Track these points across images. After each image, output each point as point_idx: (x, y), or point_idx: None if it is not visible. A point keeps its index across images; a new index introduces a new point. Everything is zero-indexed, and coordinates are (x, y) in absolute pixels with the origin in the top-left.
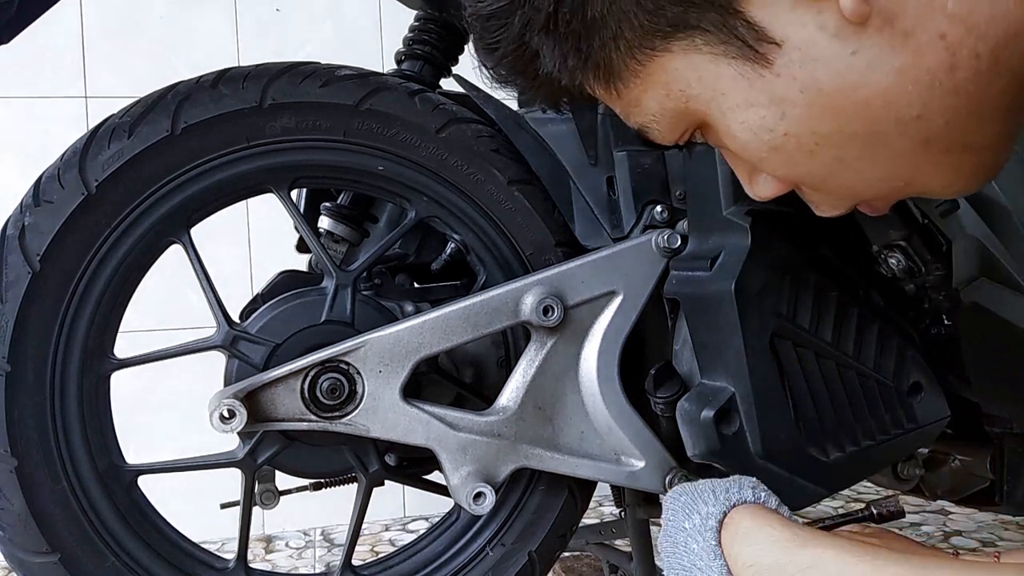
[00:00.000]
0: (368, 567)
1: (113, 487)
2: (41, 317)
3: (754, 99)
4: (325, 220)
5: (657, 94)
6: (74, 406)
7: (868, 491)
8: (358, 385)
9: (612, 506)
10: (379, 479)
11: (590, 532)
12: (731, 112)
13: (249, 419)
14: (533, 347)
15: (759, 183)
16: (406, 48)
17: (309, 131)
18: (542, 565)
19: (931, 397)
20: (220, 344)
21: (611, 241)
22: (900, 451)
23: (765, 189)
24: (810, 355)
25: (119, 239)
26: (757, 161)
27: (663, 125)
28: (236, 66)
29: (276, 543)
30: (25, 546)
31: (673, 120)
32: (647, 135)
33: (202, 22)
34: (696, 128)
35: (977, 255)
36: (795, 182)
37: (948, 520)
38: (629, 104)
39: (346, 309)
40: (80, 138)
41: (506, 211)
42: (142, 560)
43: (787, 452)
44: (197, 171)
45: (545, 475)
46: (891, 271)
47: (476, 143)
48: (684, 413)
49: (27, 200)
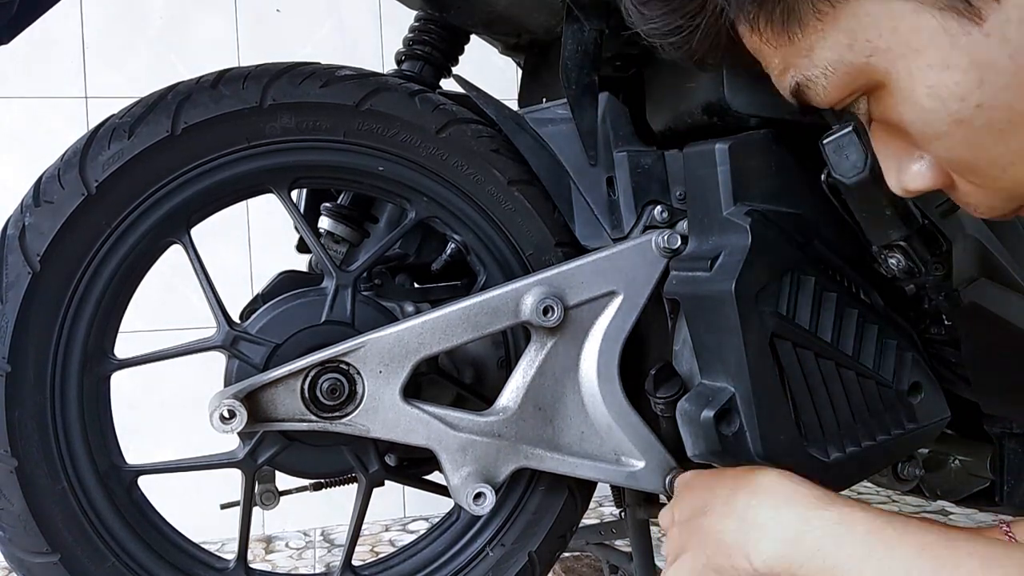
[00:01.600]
0: (368, 567)
1: (113, 487)
2: (41, 317)
3: (953, 60)
4: (325, 220)
5: (837, 43)
6: (74, 406)
7: (868, 491)
8: (358, 385)
9: (612, 506)
10: (379, 479)
11: (590, 532)
12: (920, 73)
13: (249, 419)
14: (533, 347)
15: (911, 172)
16: (406, 48)
17: (309, 131)
18: (542, 565)
19: (931, 397)
20: (220, 344)
21: (611, 241)
22: (900, 451)
23: (917, 180)
24: (810, 355)
25: (119, 239)
26: (930, 138)
27: (831, 81)
28: (236, 66)
29: (276, 543)
30: (25, 546)
31: (846, 77)
32: (803, 94)
33: (202, 22)
34: (864, 91)
35: (977, 255)
36: (964, 169)
37: (948, 520)
38: (797, 53)
39: (346, 309)
40: (80, 138)
41: (506, 211)
42: (142, 560)
43: (787, 452)
44: (197, 171)
45: (545, 475)
46: (891, 271)
47: (476, 143)
48: (684, 413)
49: (27, 200)
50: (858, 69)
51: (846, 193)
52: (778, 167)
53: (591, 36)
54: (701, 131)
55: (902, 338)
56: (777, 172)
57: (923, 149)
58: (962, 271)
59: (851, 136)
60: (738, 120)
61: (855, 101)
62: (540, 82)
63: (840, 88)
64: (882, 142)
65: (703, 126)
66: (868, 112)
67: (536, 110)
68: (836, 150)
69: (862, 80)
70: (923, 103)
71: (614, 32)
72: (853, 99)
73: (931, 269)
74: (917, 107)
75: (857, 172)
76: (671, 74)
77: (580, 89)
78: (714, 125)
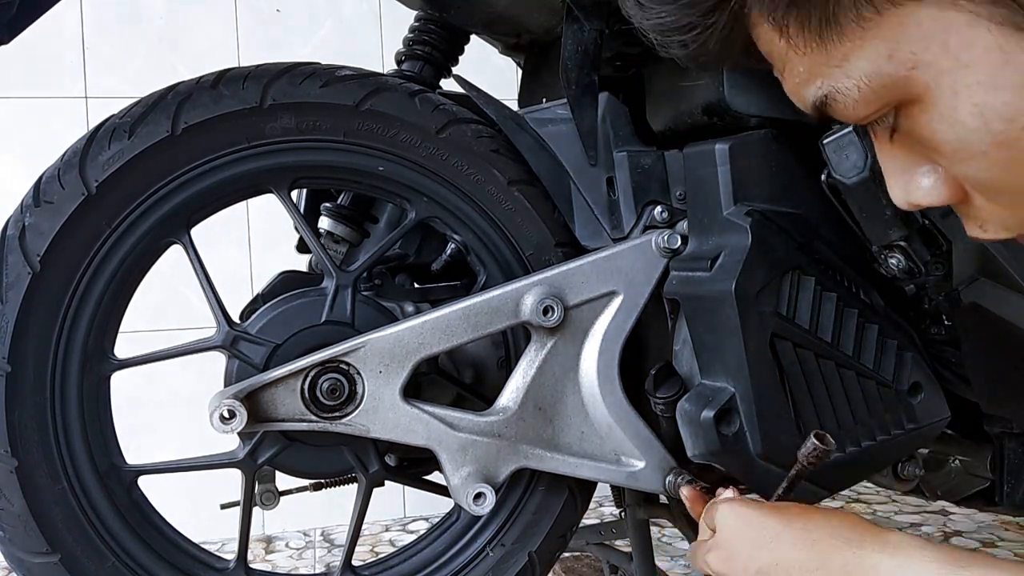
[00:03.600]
0: (368, 567)
1: (113, 487)
2: (41, 317)
3: (1004, 79)
4: (325, 220)
5: (877, 54)
6: (74, 406)
7: (868, 491)
8: (358, 385)
9: (612, 506)
10: (379, 479)
11: (590, 532)
12: (967, 91)
13: (249, 419)
14: (533, 347)
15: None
16: (406, 48)
17: (309, 131)
18: (542, 565)
19: (931, 397)
20: (220, 344)
21: (611, 241)
22: (900, 451)
23: (928, 194)
24: (810, 355)
25: (119, 239)
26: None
27: (863, 95)
28: (236, 66)
29: (276, 543)
30: (25, 546)
31: (881, 90)
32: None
33: (202, 22)
34: (896, 106)
35: (977, 255)
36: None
37: (948, 520)
38: (828, 62)
39: (346, 309)
40: (80, 138)
41: (506, 211)
42: (142, 560)
43: (787, 452)
44: (197, 171)
45: (545, 475)
46: (891, 271)
47: (476, 143)
48: (684, 413)
49: (27, 200)
50: (896, 82)
51: (846, 193)
52: (778, 167)
53: (591, 36)
54: (701, 131)
55: (902, 338)
56: (777, 172)
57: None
58: (962, 271)
59: (851, 136)
60: (738, 120)
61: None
62: (540, 82)
63: (872, 102)
64: (889, 153)
65: (703, 126)
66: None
67: (536, 110)
68: (836, 150)
69: (897, 94)
70: (966, 122)
71: (614, 32)
72: (881, 114)
73: (931, 269)
74: (957, 126)
75: (857, 172)
76: (671, 74)
77: (580, 89)
78: (714, 125)
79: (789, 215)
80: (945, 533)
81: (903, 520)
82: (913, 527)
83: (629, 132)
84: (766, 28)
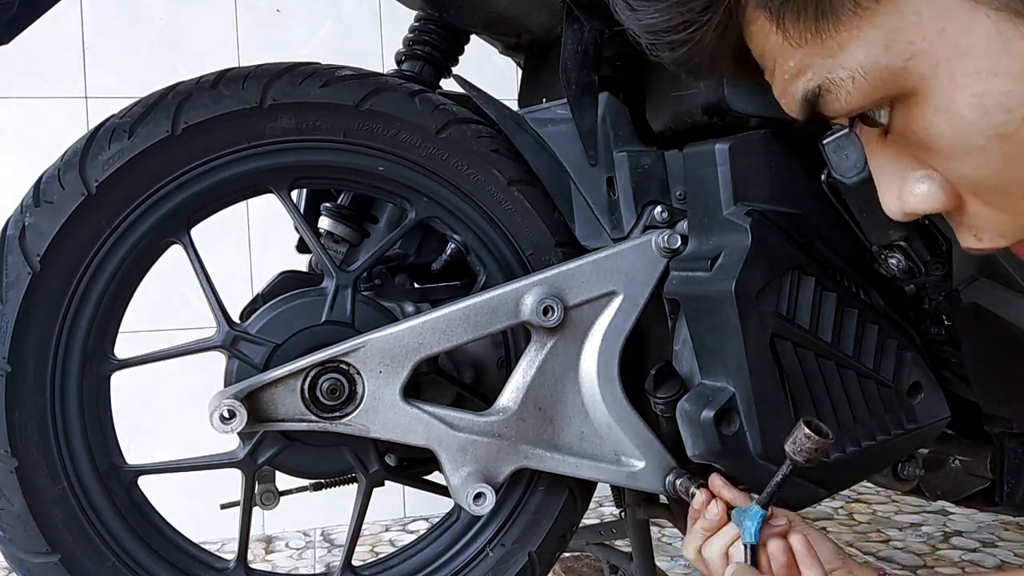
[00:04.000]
0: (368, 567)
1: (113, 487)
2: (41, 317)
3: (1004, 67)
4: (325, 220)
5: (874, 43)
6: (74, 406)
7: (868, 491)
8: (358, 385)
9: (612, 506)
10: (379, 479)
11: (590, 532)
12: (966, 80)
13: (249, 419)
14: (533, 347)
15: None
16: (406, 48)
17: (309, 131)
18: (542, 565)
19: (931, 397)
20: (220, 344)
21: (611, 241)
22: (900, 451)
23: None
24: (810, 355)
25: (119, 239)
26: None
27: (858, 86)
28: (236, 66)
29: (276, 543)
30: (25, 546)
31: (875, 82)
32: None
33: (202, 22)
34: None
35: (977, 255)
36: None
37: (948, 520)
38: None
39: (346, 309)
40: (80, 138)
41: (506, 211)
42: (142, 560)
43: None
44: (197, 171)
45: (545, 475)
46: (891, 271)
47: (476, 143)
48: (684, 413)
49: (27, 200)
50: (892, 73)
51: (846, 193)
52: (778, 167)
53: (591, 36)
54: (701, 131)
55: (902, 338)
56: (777, 172)
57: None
58: (962, 271)
59: (851, 136)
60: (738, 120)
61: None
62: (540, 82)
63: (866, 94)
64: (881, 158)
65: (703, 126)
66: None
67: (536, 110)
68: (836, 150)
69: (892, 86)
70: (964, 114)
71: (614, 32)
72: (874, 108)
73: (931, 269)
74: (955, 118)
75: (857, 172)
76: (671, 74)
77: (580, 89)
78: (714, 125)
79: (789, 215)
80: (945, 533)
81: (903, 520)
82: (913, 527)
83: (629, 132)
84: (762, 22)
